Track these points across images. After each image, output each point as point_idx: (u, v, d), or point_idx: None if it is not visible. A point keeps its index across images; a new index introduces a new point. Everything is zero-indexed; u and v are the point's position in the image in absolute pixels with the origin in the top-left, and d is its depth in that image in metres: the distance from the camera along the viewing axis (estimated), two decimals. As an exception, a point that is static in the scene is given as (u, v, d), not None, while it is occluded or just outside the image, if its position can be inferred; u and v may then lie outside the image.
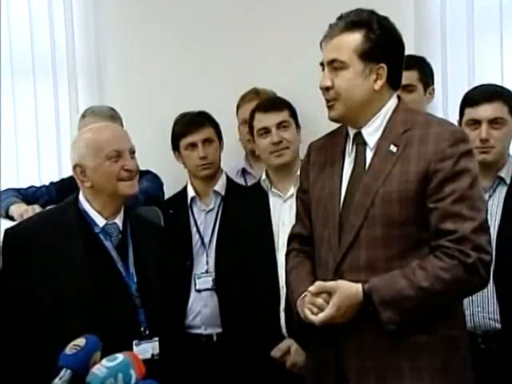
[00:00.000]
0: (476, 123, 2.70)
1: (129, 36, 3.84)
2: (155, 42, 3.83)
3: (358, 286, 2.11)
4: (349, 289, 2.12)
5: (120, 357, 1.83)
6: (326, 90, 2.24)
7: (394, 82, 2.26)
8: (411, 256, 2.13)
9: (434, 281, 2.07)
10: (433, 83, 3.31)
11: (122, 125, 3.26)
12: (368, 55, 2.18)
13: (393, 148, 2.18)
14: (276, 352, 2.88)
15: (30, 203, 3.07)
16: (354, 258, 2.17)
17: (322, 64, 2.26)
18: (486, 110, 2.69)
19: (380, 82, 2.21)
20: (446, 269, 2.07)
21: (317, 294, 2.14)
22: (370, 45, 2.18)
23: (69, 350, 1.84)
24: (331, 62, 2.22)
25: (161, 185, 3.35)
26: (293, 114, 3.02)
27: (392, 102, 2.26)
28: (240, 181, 3.58)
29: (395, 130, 2.21)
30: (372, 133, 2.24)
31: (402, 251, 2.14)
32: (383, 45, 2.19)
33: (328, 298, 2.12)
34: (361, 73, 2.19)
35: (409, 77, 3.12)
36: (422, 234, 2.14)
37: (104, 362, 1.80)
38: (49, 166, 3.81)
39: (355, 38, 2.18)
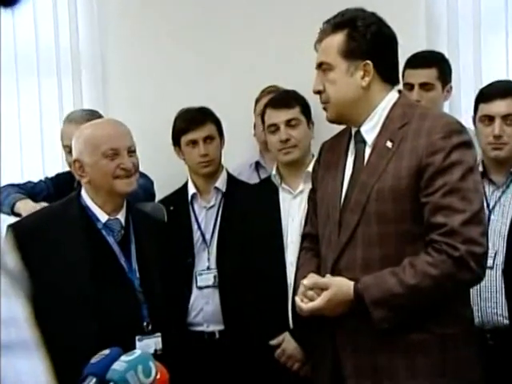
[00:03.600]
0: (489, 119, 2.68)
1: (133, 32, 3.81)
2: (160, 38, 3.79)
3: (350, 284, 2.11)
4: (342, 286, 2.12)
5: (138, 351, 1.84)
6: (318, 93, 2.25)
7: (387, 77, 2.24)
8: (407, 253, 2.10)
9: (423, 277, 2.04)
10: (450, 80, 3.23)
11: None
12: (351, 53, 2.18)
13: (389, 144, 2.17)
14: (273, 341, 2.86)
15: (30, 198, 3.04)
16: (351, 256, 2.17)
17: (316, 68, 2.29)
18: (499, 106, 2.67)
19: (367, 79, 2.19)
20: (433, 264, 2.04)
21: (310, 288, 2.15)
22: (352, 43, 2.18)
23: (94, 359, 1.84)
24: (320, 65, 2.24)
25: (152, 182, 3.32)
26: (305, 110, 2.95)
27: (390, 98, 2.24)
28: (253, 174, 3.54)
29: (392, 126, 2.19)
30: (370, 130, 2.23)
31: (397, 248, 2.11)
32: (367, 41, 2.19)
33: (320, 293, 2.13)
34: (346, 72, 2.19)
35: (428, 75, 3.09)
36: (417, 230, 2.11)
37: (123, 357, 1.80)
38: (53, 162, 3.76)
39: (338, 39, 2.20)
